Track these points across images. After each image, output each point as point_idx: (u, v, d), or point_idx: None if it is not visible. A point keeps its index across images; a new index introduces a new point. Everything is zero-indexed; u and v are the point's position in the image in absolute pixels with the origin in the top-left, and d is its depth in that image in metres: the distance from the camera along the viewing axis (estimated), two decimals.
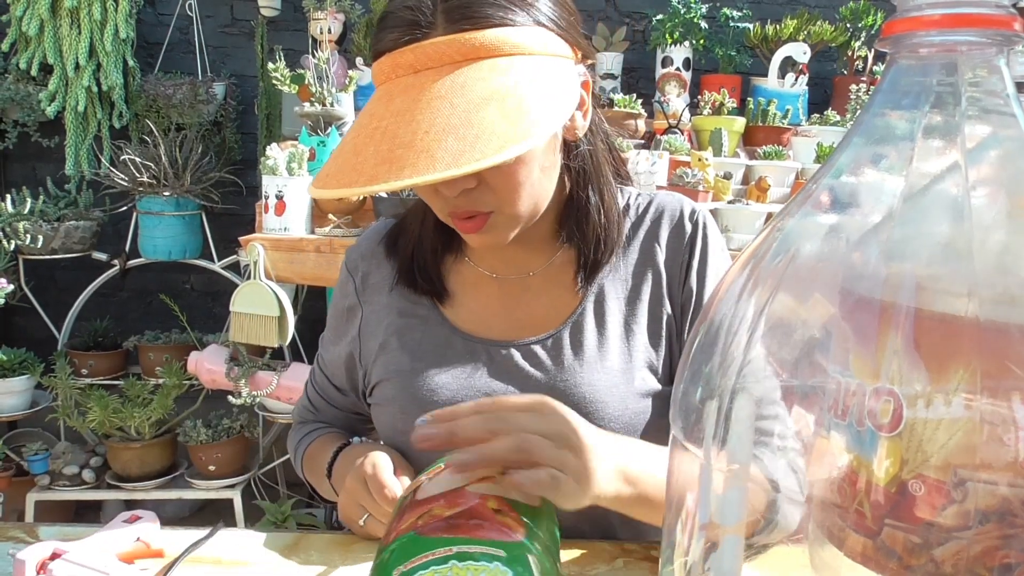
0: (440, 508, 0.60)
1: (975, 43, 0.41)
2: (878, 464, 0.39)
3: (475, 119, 0.71)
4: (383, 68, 0.80)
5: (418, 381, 0.98)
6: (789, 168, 2.52)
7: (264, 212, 2.19)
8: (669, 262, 1.01)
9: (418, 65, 0.77)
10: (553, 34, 0.82)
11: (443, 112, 0.72)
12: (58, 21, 2.83)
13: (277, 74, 2.43)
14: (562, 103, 0.77)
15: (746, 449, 0.44)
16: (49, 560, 0.80)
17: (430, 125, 0.72)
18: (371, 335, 1.05)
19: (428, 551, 0.55)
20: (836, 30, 2.93)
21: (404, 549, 0.56)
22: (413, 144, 0.71)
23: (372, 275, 1.08)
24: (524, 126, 0.72)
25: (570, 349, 0.97)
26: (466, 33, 0.76)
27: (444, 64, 0.76)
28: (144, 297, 3.35)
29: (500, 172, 0.83)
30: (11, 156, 3.22)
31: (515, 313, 1.01)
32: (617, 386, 0.95)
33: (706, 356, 0.47)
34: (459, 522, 0.57)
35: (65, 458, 2.68)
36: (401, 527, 0.60)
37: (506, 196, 0.86)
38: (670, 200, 1.05)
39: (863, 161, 0.44)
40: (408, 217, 1.08)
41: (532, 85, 0.76)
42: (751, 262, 0.46)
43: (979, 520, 0.37)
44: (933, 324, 0.38)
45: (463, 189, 0.84)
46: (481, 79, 0.75)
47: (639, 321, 0.99)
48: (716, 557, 0.46)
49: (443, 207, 0.88)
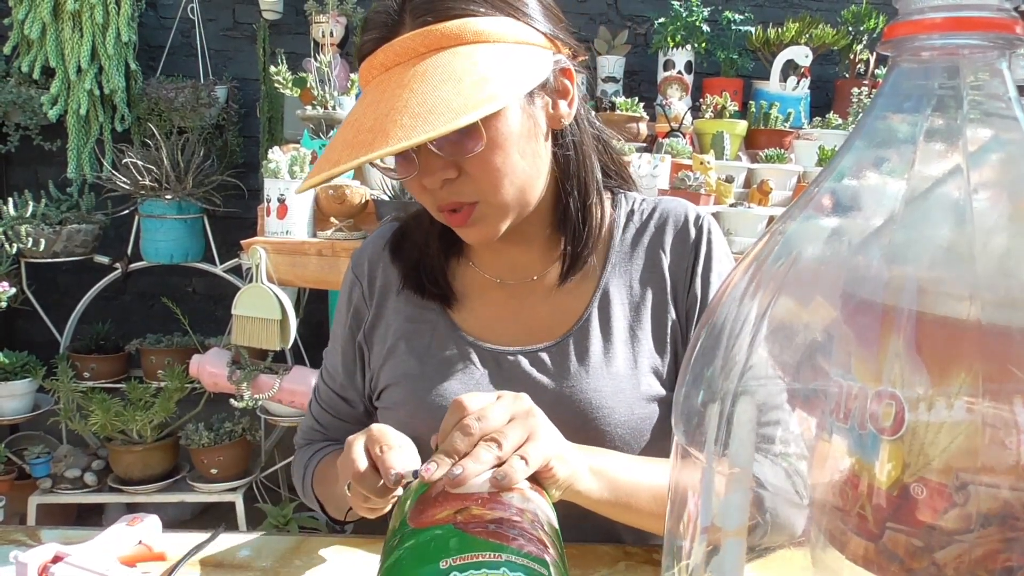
0: (479, 509, 0.61)
1: (977, 46, 0.41)
2: (880, 467, 0.39)
3: (430, 98, 0.74)
4: (363, 73, 0.84)
5: (427, 386, 0.98)
6: (791, 171, 2.52)
7: (266, 215, 2.19)
8: (674, 267, 1.01)
9: (388, 63, 0.81)
10: (521, 23, 0.84)
11: (403, 97, 0.76)
12: (60, 24, 2.83)
13: (279, 77, 2.43)
14: (522, 80, 0.79)
15: (748, 452, 0.44)
16: (51, 563, 0.80)
17: (389, 108, 0.75)
18: (378, 339, 1.05)
19: (477, 551, 0.55)
20: (838, 33, 2.93)
21: (446, 541, 0.57)
22: (373, 128, 0.74)
23: (379, 279, 1.08)
24: (477, 99, 0.74)
25: (576, 355, 0.97)
26: (429, 26, 0.80)
27: (411, 58, 0.80)
28: (146, 300, 3.36)
29: (477, 160, 0.84)
30: (13, 159, 3.22)
31: (521, 318, 1.01)
32: (623, 391, 0.95)
33: (708, 359, 0.47)
34: (502, 531, 0.58)
35: (67, 461, 2.68)
36: (437, 515, 0.61)
37: (487, 185, 0.87)
38: (674, 205, 1.05)
39: (865, 164, 0.44)
40: (411, 221, 1.08)
41: (492, 65, 0.78)
42: (753, 265, 0.46)
43: (981, 523, 0.37)
44: (935, 327, 0.38)
45: (444, 180, 0.86)
46: (441, 64, 0.78)
47: (644, 327, 0.99)
48: (717, 561, 0.46)
49: (432, 202, 0.90)
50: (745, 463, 0.44)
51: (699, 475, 0.47)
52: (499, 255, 1.03)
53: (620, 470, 0.84)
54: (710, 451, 0.46)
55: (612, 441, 0.94)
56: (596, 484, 0.80)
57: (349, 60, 2.84)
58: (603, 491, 0.81)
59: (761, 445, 0.46)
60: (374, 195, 2.24)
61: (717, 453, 0.45)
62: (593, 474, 0.80)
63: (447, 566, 0.54)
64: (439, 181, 0.86)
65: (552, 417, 0.78)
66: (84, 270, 2.97)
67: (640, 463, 0.88)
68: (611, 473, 0.82)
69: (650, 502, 0.85)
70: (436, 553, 0.56)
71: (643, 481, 0.85)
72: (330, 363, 1.14)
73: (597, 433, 0.93)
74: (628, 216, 1.05)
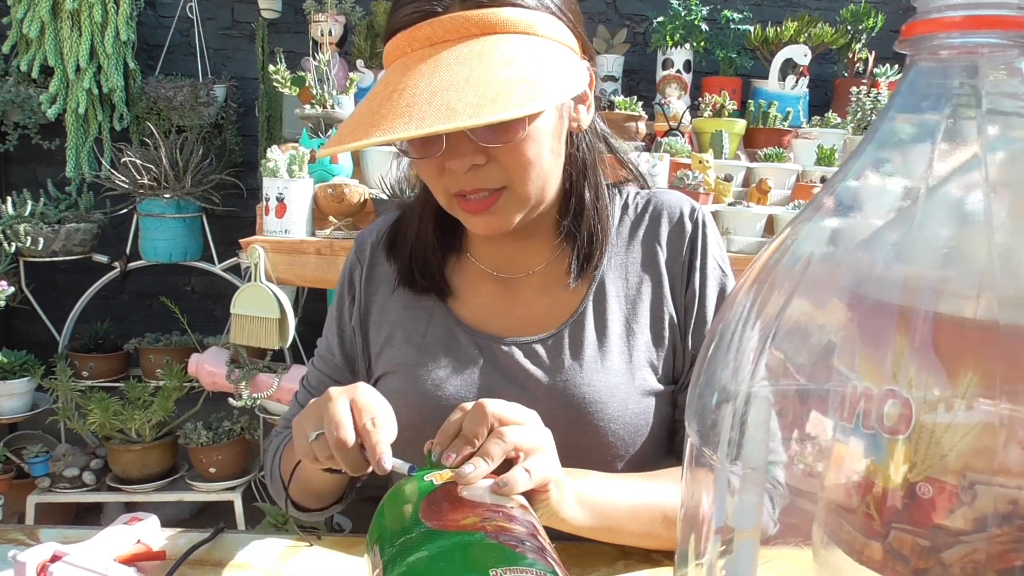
0: (502, 521, 0.62)
1: (996, 45, 0.41)
2: (887, 467, 0.39)
3: (493, 78, 0.73)
4: (398, 44, 0.82)
5: (423, 374, 0.98)
6: (790, 170, 2.52)
7: (265, 214, 2.19)
8: (671, 262, 1.01)
9: (435, 38, 0.79)
10: (561, 23, 0.84)
11: (461, 73, 0.74)
12: (59, 23, 2.82)
13: (278, 76, 2.43)
14: (570, 79, 0.79)
15: (761, 453, 0.44)
16: (50, 562, 0.80)
17: (449, 83, 0.73)
18: (374, 324, 1.05)
19: (520, 566, 0.56)
20: (837, 32, 2.93)
21: (487, 550, 0.58)
22: (432, 100, 0.72)
23: (379, 266, 1.08)
24: (539, 90, 0.74)
25: (570, 349, 0.97)
26: (482, 9, 0.79)
27: (462, 37, 0.79)
28: (145, 299, 3.35)
29: (511, 148, 0.84)
30: (12, 158, 3.21)
31: (516, 311, 1.01)
32: (618, 386, 0.95)
33: (721, 360, 0.47)
34: (537, 546, 0.59)
35: (65, 460, 2.67)
36: (461, 520, 0.61)
37: (517, 174, 0.86)
38: (668, 199, 1.05)
39: (881, 164, 0.44)
40: (402, 219, 1.08)
41: (545, 60, 0.78)
42: (767, 266, 0.46)
43: (989, 523, 0.37)
44: (947, 327, 0.38)
45: (472, 165, 0.84)
46: (497, 49, 0.77)
47: (640, 320, 0.99)
48: (731, 561, 0.46)
49: (450, 186, 0.88)
50: (759, 463, 0.44)
51: (713, 475, 0.47)
52: (498, 248, 1.03)
53: (600, 494, 0.84)
54: (724, 452, 0.46)
55: (606, 436, 0.94)
56: (580, 512, 0.81)
57: (348, 59, 2.84)
58: (585, 518, 0.82)
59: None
60: (373, 194, 2.23)
61: (731, 454, 0.45)
62: (577, 502, 0.81)
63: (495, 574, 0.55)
64: (467, 165, 0.84)
65: (546, 411, 0.79)
66: (83, 269, 2.97)
67: (620, 483, 0.88)
68: (592, 498, 0.83)
69: (631, 522, 0.86)
70: (481, 560, 0.56)
71: (623, 501, 0.86)
72: (324, 347, 1.12)
73: (591, 428, 0.93)
74: (623, 209, 1.05)
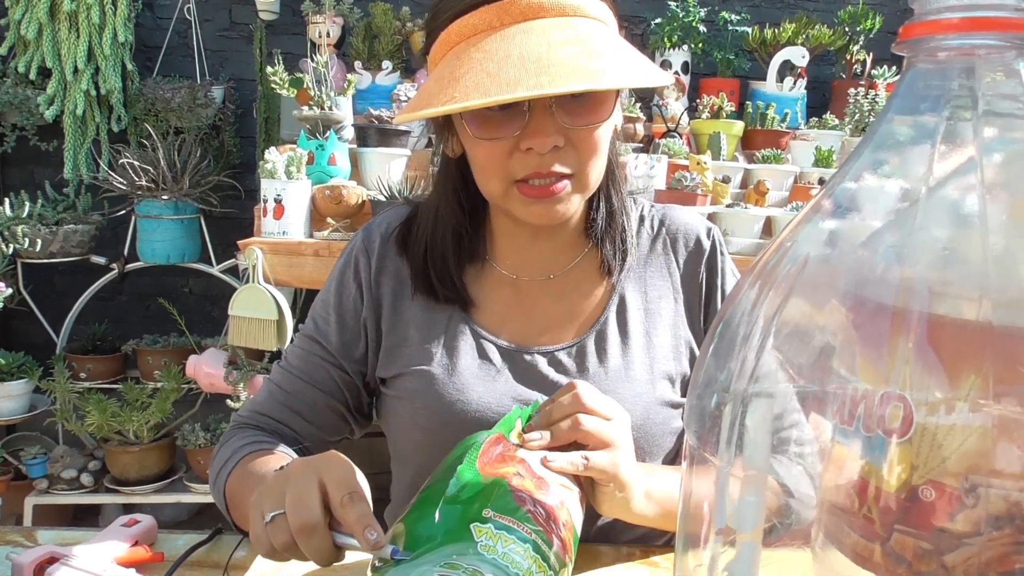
0: (531, 483, 0.70)
1: (994, 47, 0.41)
2: (888, 470, 0.39)
3: (603, 50, 0.74)
4: (484, 18, 0.79)
5: (444, 379, 0.96)
6: (787, 172, 2.52)
7: (262, 216, 2.19)
8: (687, 281, 1.03)
9: (530, 14, 0.78)
10: (616, 23, 0.86)
11: (574, 43, 0.74)
12: (56, 25, 2.82)
13: (276, 78, 2.42)
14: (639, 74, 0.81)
15: (762, 454, 0.44)
16: (47, 564, 0.80)
17: (569, 51, 0.73)
18: (387, 321, 1.01)
19: (517, 518, 0.64)
20: (834, 34, 2.93)
21: (496, 491, 0.67)
22: (561, 64, 0.71)
23: (388, 259, 1.03)
24: (645, 68, 0.76)
25: (596, 358, 0.97)
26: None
27: (558, 15, 0.78)
28: (142, 301, 3.34)
29: (587, 134, 0.84)
30: (9, 160, 3.21)
31: (533, 317, 1.00)
32: (641, 396, 0.95)
33: (720, 362, 0.47)
34: (540, 512, 0.67)
35: (63, 462, 2.67)
36: (498, 467, 0.71)
37: (587, 159, 0.86)
38: (684, 217, 1.06)
39: (879, 165, 0.44)
40: (413, 222, 1.04)
41: (625, 46, 0.80)
42: (766, 268, 0.46)
43: (991, 526, 0.37)
44: (945, 329, 0.38)
45: (554, 145, 0.83)
46: (592, 28, 0.78)
47: (659, 332, 1.00)
48: (732, 563, 0.46)
49: (519, 170, 0.86)
50: (760, 465, 0.44)
51: (713, 478, 0.47)
52: (523, 249, 1.02)
53: (671, 487, 0.87)
54: (724, 453, 0.46)
55: None
56: (650, 509, 0.84)
57: (346, 60, 2.84)
58: (655, 514, 0.85)
59: (780, 446, 0.46)
60: (371, 195, 2.23)
61: (731, 455, 0.45)
62: (647, 497, 0.84)
63: (488, 515, 0.64)
64: (549, 145, 0.82)
65: None
66: (80, 271, 2.96)
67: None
68: (661, 494, 0.85)
69: None
70: (485, 497, 0.66)
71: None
72: (314, 330, 1.04)
73: None
74: (640, 221, 1.06)
